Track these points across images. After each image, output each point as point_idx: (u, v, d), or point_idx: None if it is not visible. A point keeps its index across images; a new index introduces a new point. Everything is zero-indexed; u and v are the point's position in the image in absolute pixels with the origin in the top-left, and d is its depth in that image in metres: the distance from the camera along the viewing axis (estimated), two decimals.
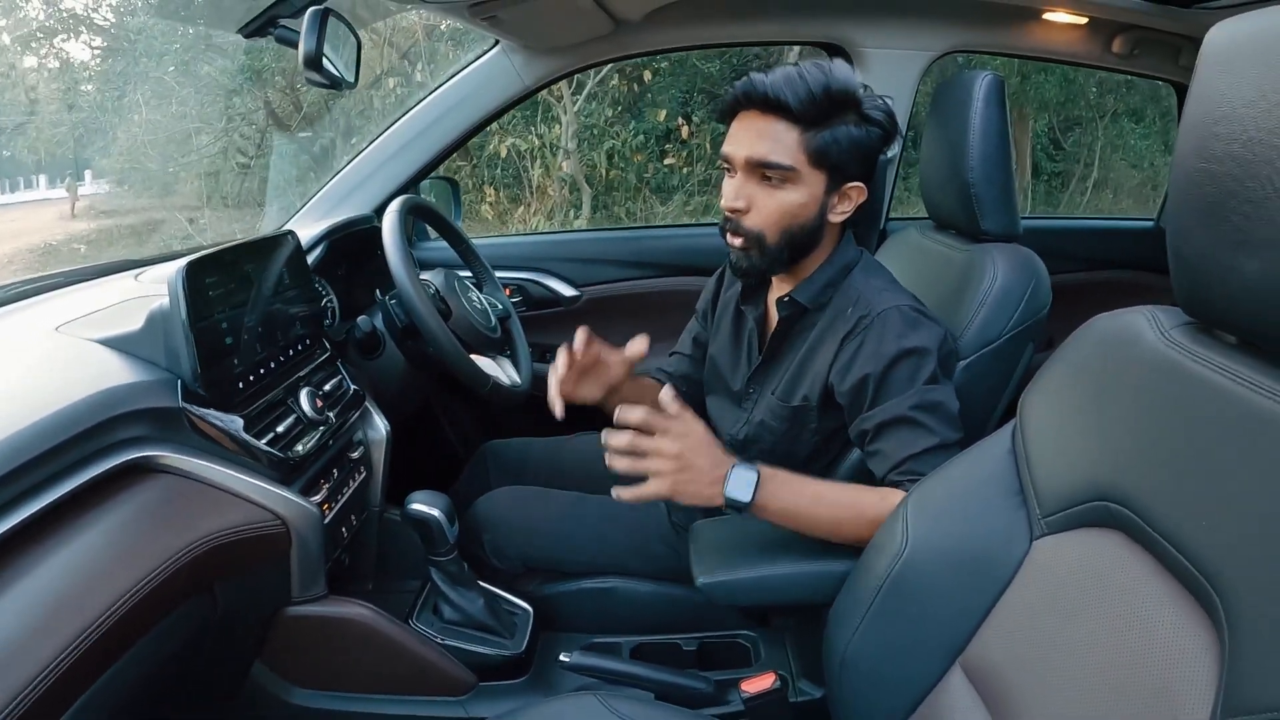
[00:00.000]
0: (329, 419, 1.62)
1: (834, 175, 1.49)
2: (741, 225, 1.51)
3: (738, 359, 1.73)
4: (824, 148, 1.45)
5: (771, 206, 1.49)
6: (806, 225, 1.51)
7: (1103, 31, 2.38)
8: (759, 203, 1.49)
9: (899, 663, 1.13)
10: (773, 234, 1.50)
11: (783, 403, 1.60)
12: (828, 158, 1.46)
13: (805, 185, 1.47)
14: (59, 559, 1.07)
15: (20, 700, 0.91)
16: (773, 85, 1.42)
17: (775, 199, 1.48)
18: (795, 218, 1.49)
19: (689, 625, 1.80)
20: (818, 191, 1.49)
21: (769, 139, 1.45)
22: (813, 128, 1.44)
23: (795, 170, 1.46)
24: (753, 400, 1.67)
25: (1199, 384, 0.86)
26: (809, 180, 1.47)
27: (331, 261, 2.07)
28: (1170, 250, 0.89)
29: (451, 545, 1.64)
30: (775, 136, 1.45)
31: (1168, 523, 0.84)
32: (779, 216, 1.49)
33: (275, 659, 1.59)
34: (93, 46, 9.60)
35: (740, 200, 1.49)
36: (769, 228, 1.50)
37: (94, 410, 1.18)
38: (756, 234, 1.50)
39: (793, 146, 1.45)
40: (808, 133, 1.44)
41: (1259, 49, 0.77)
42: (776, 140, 1.45)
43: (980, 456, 1.17)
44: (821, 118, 1.44)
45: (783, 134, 1.44)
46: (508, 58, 2.34)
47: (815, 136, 1.44)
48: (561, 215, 8.25)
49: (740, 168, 1.49)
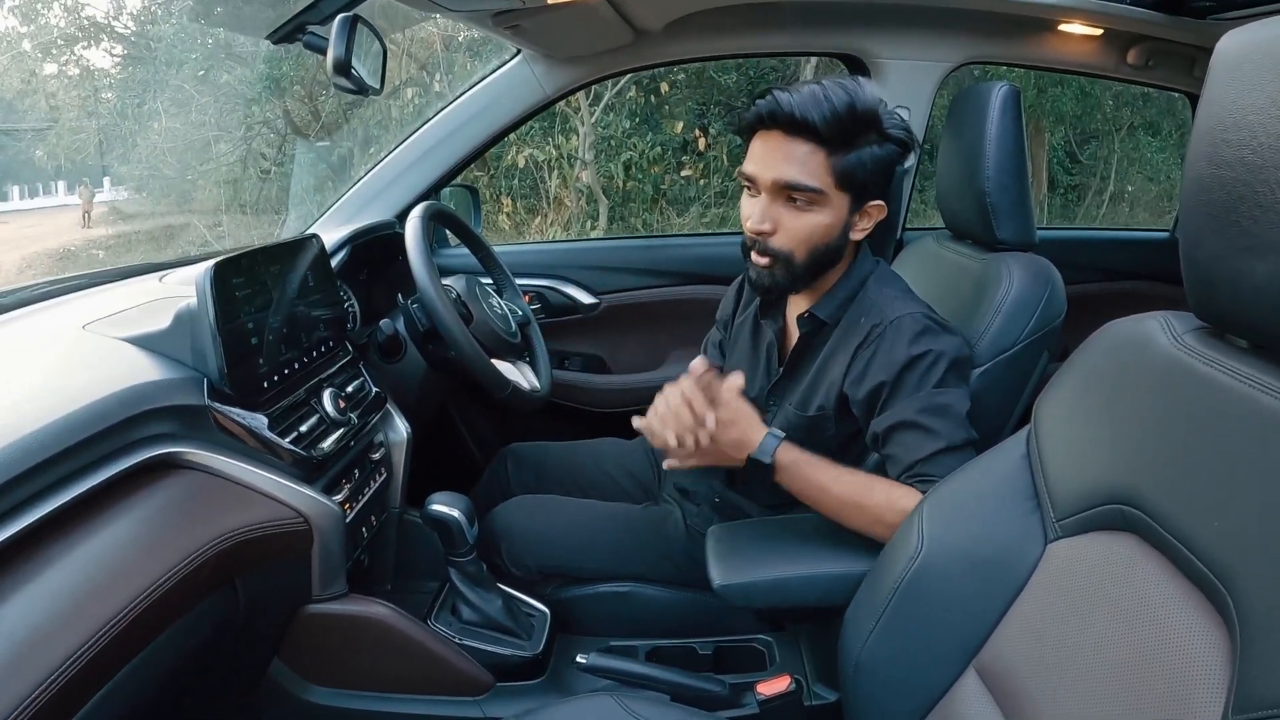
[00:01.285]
0: (351, 420, 1.63)
1: (858, 196, 1.50)
2: (769, 246, 1.51)
3: (755, 371, 1.74)
4: (849, 170, 1.46)
5: (798, 228, 1.49)
6: (831, 245, 1.52)
7: (1117, 43, 2.38)
8: (785, 224, 1.49)
9: (913, 666, 1.14)
10: (800, 254, 1.51)
11: (800, 413, 1.61)
12: (853, 180, 1.47)
13: (831, 207, 1.49)
14: (85, 551, 1.08)
15: (45, 688, 0.92)
16: (800, 106, 1.41)
17: (802, 221, 1.49)
18: (821, 239, 1.50)
19: (704, 629, 1.80)
20: (842, 212, 1.50)
21: (796, 162, 1.45)
22: (838, 150, 1.45)
23: (823, 193, 1.46)
24: (772, 414, 1.69)
25: (1211, 387, 0.86)
26: (835, 202, 1.48)
27: (354, 266, 2.08)
28: (1182, 255, 0.90)
29: (471, 546, 1.64)
30: (802, 159, 1.45)
31: (1180, 525, 0.84)
32: (806, 237, 1.50)
33: (294, 656, 1.60)
34: (113, 54, 9.67)
35: (766, 223, 1.49)
36: (796, 248, 1.50)
37: (121, 406, 1.20)
38: (785, 255, 1.51)
39: (819, 169, 1.45)
40: (834, 156, 1.45)
41: (1269, 57, 0.79)
42: (803, 163, 1.45)
43: (995, 461, 1.18)
44: (846, 139, 1.44)
45: (809, 156, 1.45)
46: (529, 67, 2.35)
47: (841, 159, 1.45)
48: (578, 226, 8.26)
49: (766, 189, 1.48)
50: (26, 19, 9.48)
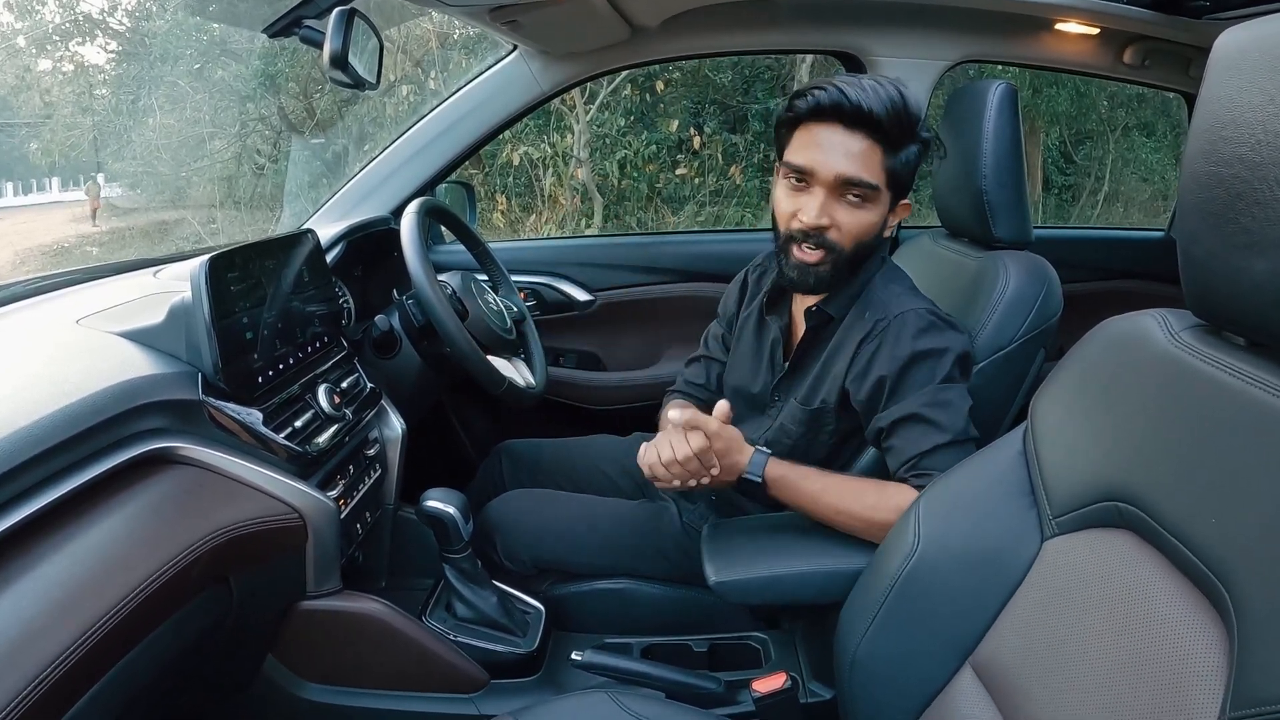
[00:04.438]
0: (346, 415, 1.63)
1: (897, 194, 1.52)
2: (826, 239, 1.50)
3: (759, 366, 1.74)
4: (898, 170, 1.48)
5: (852, 224, 1.49)
6: (872, 242, 1.54)
7: (1114, 42, 2.39)
8: (840, 220, 1.49)
9: (910, 663, 1.14)
10: (850, 249, 1.52)
11: (804, 407, 1.62)
12: (899, 179, 1.50)
13: (880, 205, 1.50)
14: (79, 545, 1.08)
15: (39, 683, 0.91)
16: (865, 99, 1.42)
17: (856, 217, 1.49)
18: (868, 235, 1.52)
19: (700, 627, 1.80)
20: (885, 210, 1.52)
21: (857, 157, 1.45)
22: (891, 149, 1.46)
23: (878, 190, 1.48)
24: (778, 408, 1.69)
25: (1208, 384, 0.87)
26: (883, 200, 1.50)
27: (349, 262, 2.08)
28: (1180, 253, 0.90)
29: (466, 542, 1.65)
30: (862, 155, 1.45)
31: (1177, 521, 0.85)
32: (858, 234, 1.51)
33: (288, 653, 1.60)
34: (108, 50, 9.66)
35: (824, 218, 1.48)
36: (848, 243, 1.51)
37: (115, 400, 1.19)
38: (837, 249, 1.51)
39: (877, 166, 1.46)
40: (888, 153, 1.46)
41: (1267, 55, 0.79)
42: (864, 159, 1.45)
43: (991, 458, 1.18)
44: (900, 135, 1.46)
45: (868, 152, 1.45)
46: (525, 63, 2.35)
47: (893, 158, 1.47)
48: (573, 224, 8.26)
49: (826, 184, 1.47)
50: (21, 14, 9.47)
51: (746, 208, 8.22)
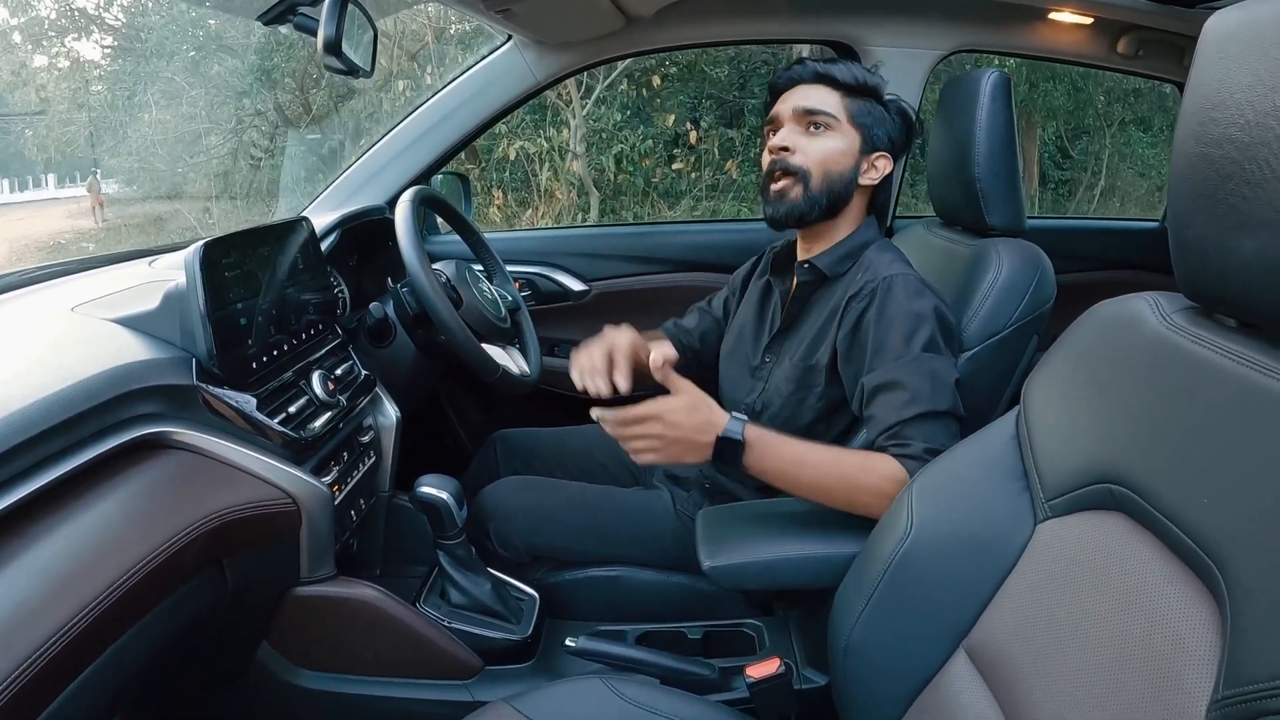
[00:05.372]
0: (340, 402, 1.63)
1: (867, 137, 1.67)
2: (790, 163, 1.65)
3: (760, 330, 1.79)
4: (860, 110, 1.66)
5: (814, 149, 1.65)
6: (844, 175, 1.67)
7: (1108, 31, 2.40)
8: (803, 145, 1.65)
9: (903, 647, 1.14)
10: (816, 175, 1.65)
11: (795, 364, 1.65)
12: (863, 119, 1.66)
13: (844, 136, 1.66)
14: (73, 528, 1.08)
15: (31, 663, 0.92)
16: (824, 65, 1.65)
17: (818, 143, 1.65)
18: (835, 164, 1.66)
19: (694, 614, 1.80)
20: (854, 146, 1.67)
21: (816, 96, 1.66)
22: (852, 94, 1.66)
23: (837, 119, 1.65)
24: (768, 368, 1.72)
25: (1200, 365, 0.87)
26: (847, 133, 1.66)
27: (344, 251, 2.08)
28: (1170, 234, 0.91)
29: (460, 529, 1.65)
30: (822, 95, 1.66)
31: (1170, 502, 0.85)
32: (821, 158, 1.65)
33: (282, 640, 1.60)
34: (103, 46, 9.62)
35: (787, 143, 1.65)
36: (813, 167, 1.65)
37: (109, 385, 1.20)
38: (802, 171, 1.64)
39: (836, 102, 1.66)
40: (848, 97, 1.66)
41: (1255, 36, 0.79)
42: (823, 97, 1.66)
43: (985, 442, 1.19)
44: (859, 91, 1.66)
45: (828, 94, 1.66)
46: (520, 53, 2.36)
47: (854, 102, 1.66)
48: (569, 219, 8.26)
49: (788, 118, 1.67)
50: (16, 10, 9.44)
51: (743, 202, 8.23)
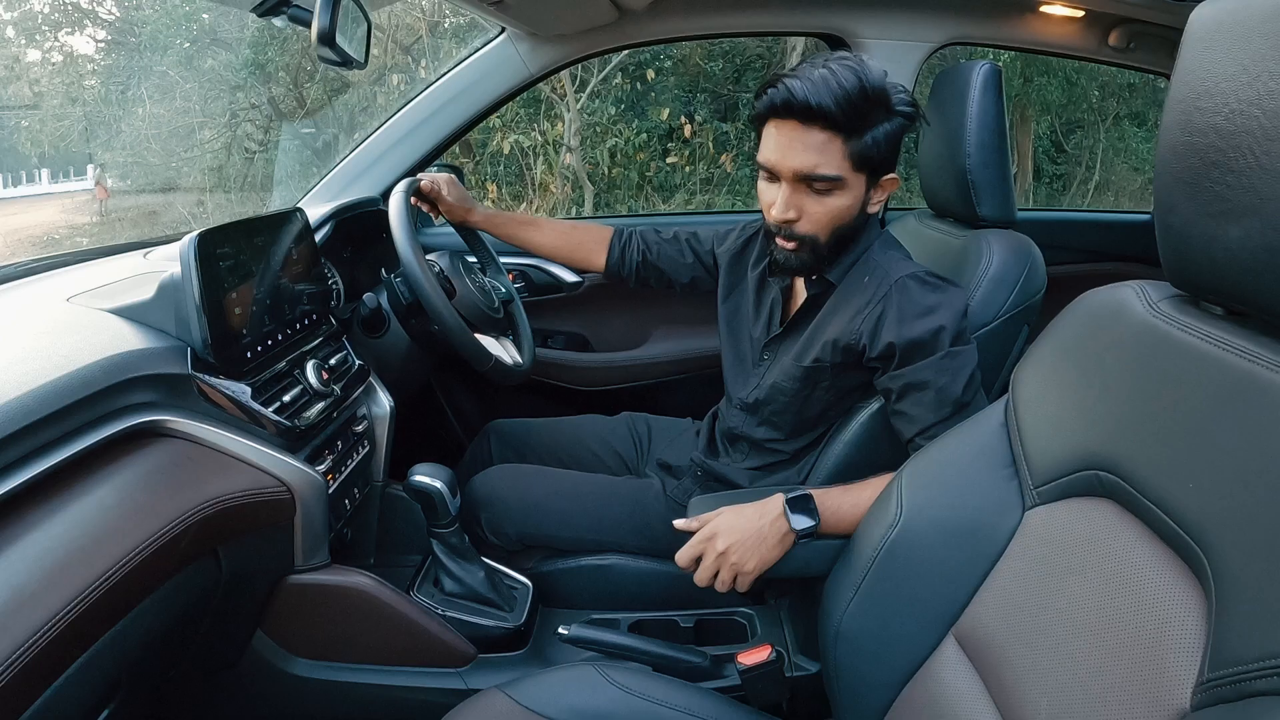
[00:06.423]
0: (334, 391, 1.64)
1: (873, 173, 1.53)
2: (795, 232, 1.54)
3: (757, 322, 1.78)
4: (865, 151, 1.47)
5: (821, 213, 1.53)
6: (853, 223, 1.56)
7: (1100, 24, 2.40)
8: (809, 211, 1.53)
9: (893, 634, 1.15)
10: (824, 236, 1.55)
11: (797, 364, 1.64)
12: (869, 160, 1.49)
13: (850, 189, 1.51)
14: (68, 515, 1.09)
15: (26, 649, 0.92)
16: (813, 94, 1.42)
17: (824, 206, 1.52)
18: (843, 220, 1.55)
19: (686, 602, 1.81)
20: (860, 191, 1.53)
21: (814, 151, 1.46)
22: (853, 134, 1.46)
23: (841, 179, 1.49)
24: (766, 366, 1.72)
25: (1186, 352, 0.88)
26: (853, 184, 1.51)
27: (338, 243, 2.08)
28: (1157, 222, 0.92)
29: (453, 517, 1.65)
30: (820, 148, 1.46)
31: (1156, 488, 0.86)
32: (829, 221, 1.54)
33: (277, 628, 1.61)
34: (97, 40, 9.59)
35: (791, 211, 1.52)
36: (820, 231, 1.55)
37: (105, 374, 1.20)
38: (810, 239, 1.55)
39: (837, 156, 1.47)
40: (849, 141, 1.46)
41: (1240, 26, 0.80)
42: (822, 152, 1.46)
43: (974, 430, 1.20)
44: (860, 121, 1.45)
45: (826, 145, 1.46)
46: (513, 45, 2.35)
47: (857, 143, 1.46)
48: (563, 212, 8.24)
49: (787, 179, 1.51)
50: (10, 5, 9.41)
51: (737, 196, 8.21)
